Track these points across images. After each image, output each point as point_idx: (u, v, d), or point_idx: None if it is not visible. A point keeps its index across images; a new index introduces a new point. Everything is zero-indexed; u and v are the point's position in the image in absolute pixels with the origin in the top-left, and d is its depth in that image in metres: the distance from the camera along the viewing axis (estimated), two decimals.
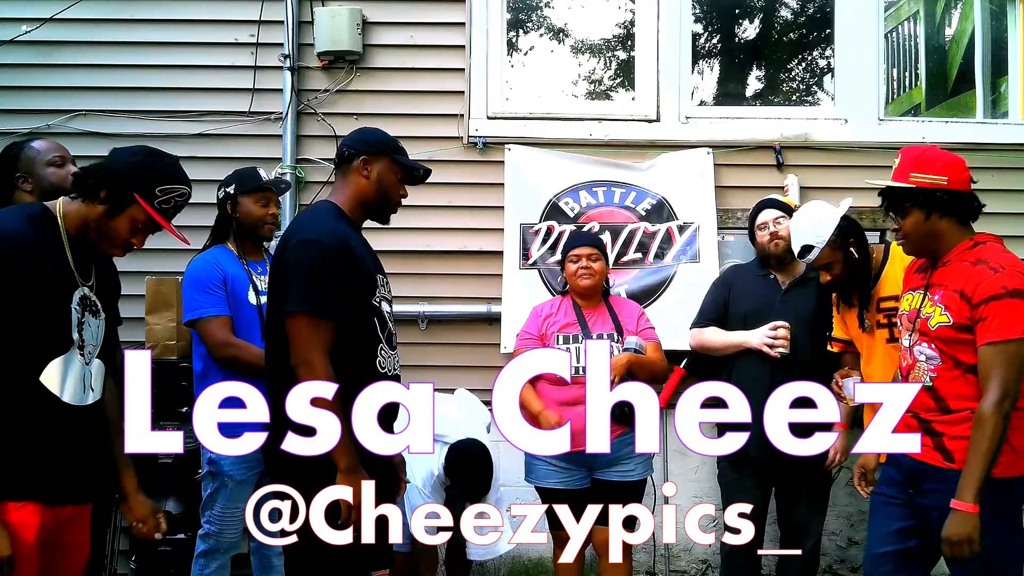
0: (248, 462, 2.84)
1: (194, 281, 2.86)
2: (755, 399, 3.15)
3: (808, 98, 5.92)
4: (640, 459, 3.13)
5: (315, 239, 2.11)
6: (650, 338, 3.19)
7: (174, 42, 4.04)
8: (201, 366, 2.91)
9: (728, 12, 5.62)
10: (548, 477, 3.13)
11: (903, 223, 2.33)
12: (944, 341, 2.24)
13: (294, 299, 2.07)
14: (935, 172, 2.27)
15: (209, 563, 2.87)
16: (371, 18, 4.03)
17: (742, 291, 3.35)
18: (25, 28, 3.99)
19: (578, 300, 3.23)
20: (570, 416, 3.00)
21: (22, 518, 1.84)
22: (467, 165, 4.00)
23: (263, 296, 2.92)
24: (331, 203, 2.28)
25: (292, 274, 2.10)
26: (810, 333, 3.16)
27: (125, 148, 2.05)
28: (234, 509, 2.86)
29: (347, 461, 2.02)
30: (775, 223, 3.29)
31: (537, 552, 3.92)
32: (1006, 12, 4.40)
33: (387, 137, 2.37)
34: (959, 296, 2.21)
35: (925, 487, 2.30)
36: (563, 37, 4.92)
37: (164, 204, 1.98)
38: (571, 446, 2.97)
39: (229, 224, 2.99)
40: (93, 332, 1.99)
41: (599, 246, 3.25)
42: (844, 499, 3.86)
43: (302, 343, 2.05)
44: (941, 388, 2.26)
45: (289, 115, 3.95)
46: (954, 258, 2.30)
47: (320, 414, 1.95)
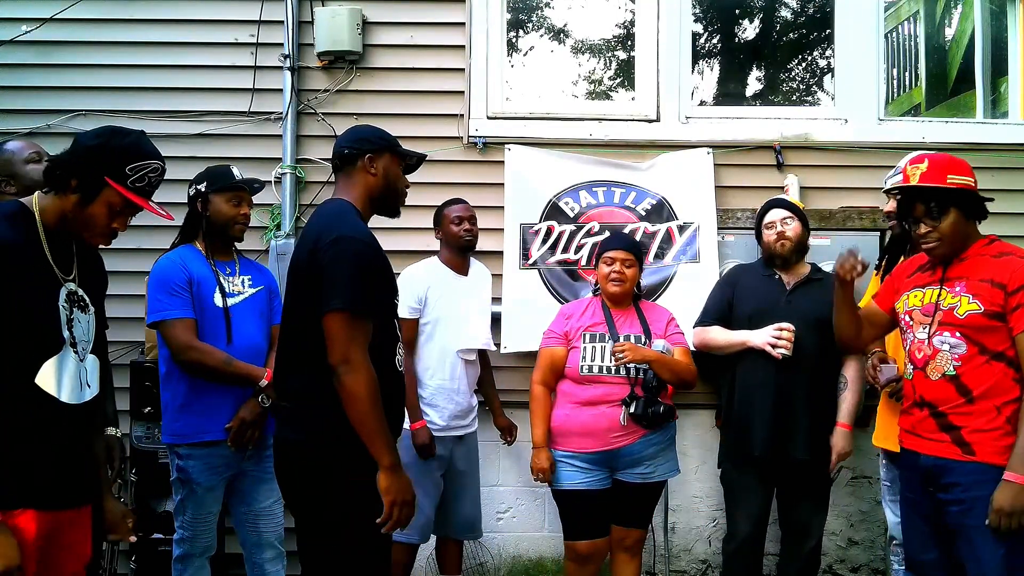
0: (215, 468, 2.81)
1: (158, 282, 2.79)
2: (758, 399, 3.20)
3: (808, 98, 5.93)
4: (663, 460, 3.11)
5: (355, 237, 2.10)
6: (678, 343, 3.17)
7: (174, 42, 4.04)
8: (165, 368, 2.85)
9: (728, 12, 5.63)
10: (571, 478, 3.06)
11: (940, 224, 2.38)
12: (973, 328, 2.32)
13: (336, 297, 2.04)
14: (967, 175, 2.39)
15: (187, 568, 2.85)
16: (371, 18, 4.03)
17: (747, 291, 3.35)
18: (25, 28, 3.99)
19: (608, 302, 3.19)
20: (592, 416, 3.02)
21: (19, 525, 1.80)
22: (467, 165, 4.00)
23: (230, 298, 2.86)
24: (348, 202, 2.26)
25: (332, 272, 2.06)
26: (815, 334, 3.15)
27: (88, 132, 1.96)
28: (206, 514, 2.84)
29: (390, 457, 2.05)
30: (783, 223, 3.29)
31: (537, 552, 3.91)
32: (1006, 12, 4.40)
33: (383, 132, 2.38)
34: (990, 284, 2.31)
35: (944, 482, 2.35)
36: (563, 37, 4.92)
37: (138, 183, 1.91)
38: (595, 446, 3.00)
39: (199, 223, 2.91)
40: (84, 328, 1.95)
41: (635, 251, 3.20)
42: (844, 499, 3.86)
43: (343, 341, 2.03)
44: (965, 376, 2.33)
45: (289, 115, 3.95)
46: (973, 254, 2.39)
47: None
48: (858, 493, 3.88)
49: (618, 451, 3.01)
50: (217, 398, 2.79)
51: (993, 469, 2.25)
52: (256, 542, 2.94)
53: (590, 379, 3.03)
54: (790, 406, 3.13)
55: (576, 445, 3.04)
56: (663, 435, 3.09)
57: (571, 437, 3.04)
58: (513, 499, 3.90)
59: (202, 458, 2.78)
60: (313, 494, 2.13)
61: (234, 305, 2.86)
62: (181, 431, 2.81)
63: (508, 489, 3.78)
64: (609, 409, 2.99)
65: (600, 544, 3.10)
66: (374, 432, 2.03)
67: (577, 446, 3.03)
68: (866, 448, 3.83)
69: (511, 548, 3.94)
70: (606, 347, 3.04)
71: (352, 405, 2.02)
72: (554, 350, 3.13)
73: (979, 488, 2.26)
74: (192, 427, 2.79)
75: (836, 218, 3.89)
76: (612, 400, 3.00)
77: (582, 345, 3.07)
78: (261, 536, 2.92)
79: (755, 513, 3.22)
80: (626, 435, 3.00)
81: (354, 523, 2.09)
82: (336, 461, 2.09)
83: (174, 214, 2.06)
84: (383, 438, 2.04)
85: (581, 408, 3.03)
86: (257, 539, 2.93)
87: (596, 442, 3.00)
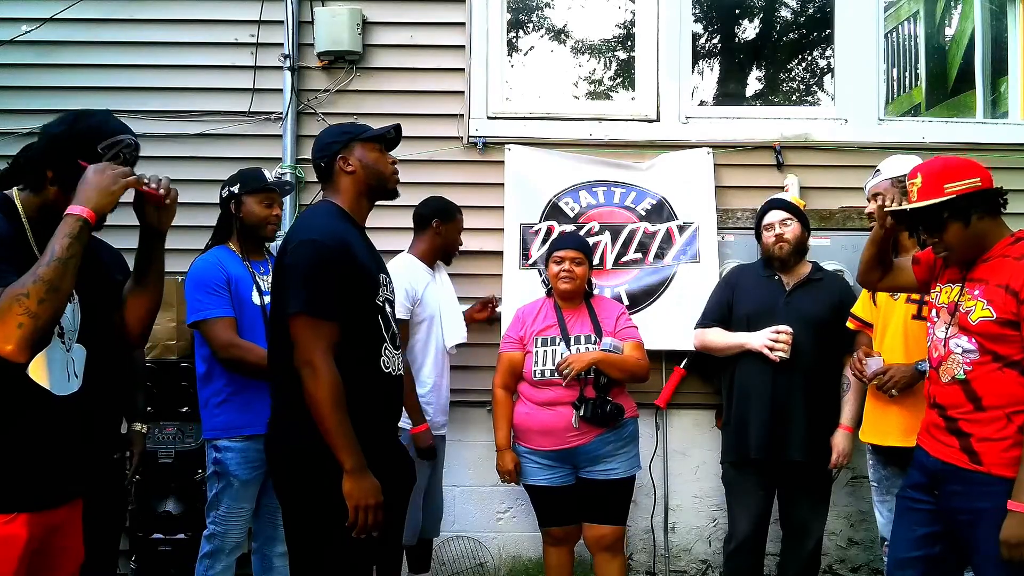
0: (253, 462, 2.85)
1: (198, 282, 2.86)
2: (755, 401, 3.20)
3: (808, 98, 5.93)
4: (624, 458, 3.15)
5: (313, 239, 2.11)
6: (629, 337, 3.21)
7: (174, 42, 4.04)
8: (204, 368, 2.91)
9: (728, 12, 5.63)
10: (534, 475, 3.18)
11: (943, 236, 2.31)
12: (986, 336, 2.23)
13: (295, 300, 2.07)
14: (968, 176, 2.29)
15: (214, 564, 2.87)
16: (371, 18, 4.03)
17: (746, 292, 3.35)
18: (25, 28, 3.99)
19: (559, 301, 3.26)
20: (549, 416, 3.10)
21: (10, 532, 1.73)
22: (467, 165, 4.00)
23: (267, 296, 2.92)
24: (331, 203, 2.28)
25: (291, 275, 2.10)
26: (813, 335, 3.16)
27: (51, 122, 1.91)
28: (239, 509, 2.87)
29: (352, 461, 2.03)
30: (781, 224, 3.29)
31: (537, 552, 3.90)
32: (1006, 12, 4.40)
33: (345, 126, 2.37)
34: (1004, 291, 2.20)
35: (950, 488, 2.29)
36: (563, 37, 4.92)
37: (113, 161, 1.87)
38: (553, 444, 3.07)
39: (232, 224, 2.99)
40: (69, 318, 1.89)
41: (584, 249, 3.27)
42: (844, 499, 3.86)
43: (304, 344, 2.05)
44: (975, 382, 2.25)
45: (289, 115, 3.95)
46: (997, 254, 2.30)
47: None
48: (858, 493, 3.88)
49: (575, 449, 3.09)
50: (257, 393, 2.80)
51: (999, 480, 2.16)
52: (271, 535, 2.98)
53: (543, 383, 3.13)
54: (787, 408, 3.13)
55: (537, 443, 3.14)
56: (619, 433, 3.13)
57: (532, 435, 3.15)
58: (513, 499, 3.90)
59: (240, 451, 2.83)
60: (293, 494, 2.13)
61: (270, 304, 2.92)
62: (222, 425, 2.86)
63: (508, 489, 3.78)
64: (564, 409, 3.08)
65: (571, 529, 3.23)
66: (335, 435, 2.02)
67: (538, 444, 3.14)
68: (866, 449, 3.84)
69: (511, 548, 3.94)
70: (558, 350, 3.12)
71: (313, 408, 2.02)
72: (512, 355, 3.22)
73: (984, 499, 2.19)
74: (233, 422, 2.84)
75: (836, 218, 3.89)
76: (565, 402, 3.08)
77: (535, 350, 3.16)
78: (277, 530, 2.96)
79: (755, 513, 3.22)
80: (581, 435, 3.07)
81: (326, 526, 2.07)
82: (303, 463, 2.09)
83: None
84: (345, 441, 2.02)
85: (540, 408, 3.13)
86: (272, 532, 2.97)
87: (554, 440, 3.09)
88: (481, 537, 3.92)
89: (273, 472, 2.22)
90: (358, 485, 2.03)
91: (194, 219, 3.52)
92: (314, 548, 2.09)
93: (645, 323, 3.73)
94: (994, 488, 2.17)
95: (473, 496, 3.95)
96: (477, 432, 3.80)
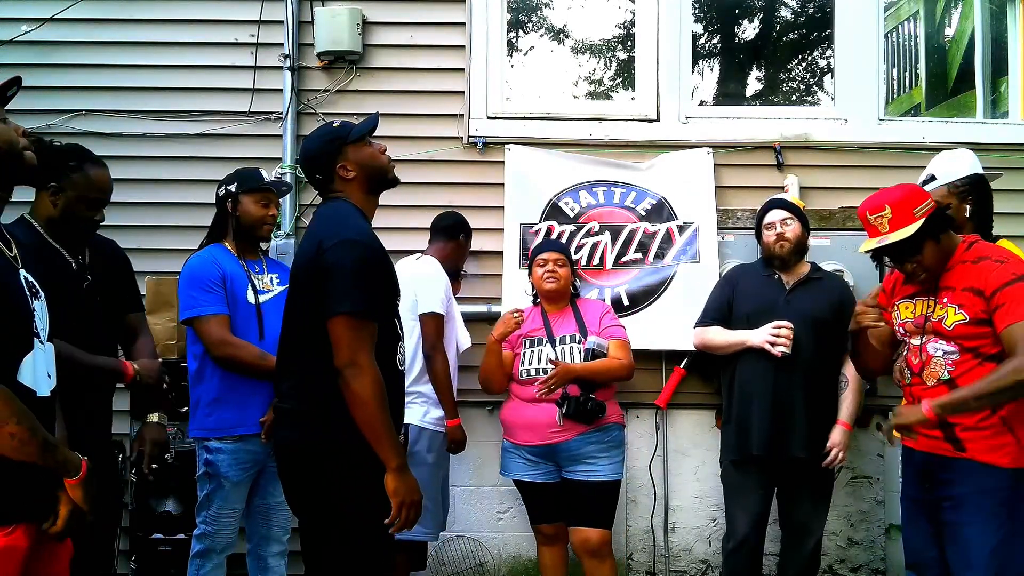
0: (244, 463, 2.85)
1: (192, 279, 2.86)
2: (757, 398, 3.20)
3: (808, 98, 5.92)
4: (607, 461, 3.16)
5: (355, 240, 2.10)
6: (613, 336, 3.24)
7: (174, 42, 4.04)
8: (196, 365, 2.90)
9: (728, 12, 5.62)
10: (519, 470, 3.25)
11: (922, 258, 2.40)
12: (963, 337, 2.36)
13: (342, 301, 2.04)
14: (925, 198, 2.42)
15: (205, 563, 2.87)
16: (371, 18, 4.03)
17: (746, 291, 3.35)
18: (25, 28, 3.98)
19: (544, 304, 3.34)
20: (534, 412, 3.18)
21: (11, 543, 1.70)
22: (467, 165, 4.00)
23: (261, 295, 2.93)
24: (350, 203, 2.25)
25: (337, 276, 2.06)
26: (813, 334, 3.17)
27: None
28: (230, 510, 2.87)
29: (398, 459, 2.06)
30: (782, 224, 3.29)
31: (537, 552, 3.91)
32: (1006, 12, 4.40)
33: (328, 134, 2.28)
34: (972, 293, 2.34)
35: (940, 477, 2.40)
36: (563, 37, 4.92)
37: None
38: (536, 439, 3.17)
39: (227, 222, 2.99)
40: (40, 315, 1.86)
41: (565, 252, 3.38)
42: (844, 499, 3.86)
43: (350, 345, 2.03)
44: (960, 379, 2.36)
45: (289, 115, 3.95)
46: (956, 261, 2.42)
47: None
48: (858, 493, 3.88)
49: (557, 446, 3.14)
50: (250, 392, 2.84)
51: (984, 467, 2.30)
52: (265, 535, 2.99)
53: (529, 381, 3.20)
54: (789, 405, 3.14)
55: (521, 438, 3.23)
56: (602, 436, 3.15)
57: (517, 430, 3.24)
58: (513, 499, 3.89)
59: (232, 453, 2.83)
60: (313, 495, 2.13)
61: (265, 302, 2.94)
62: (214, 425, 2.85)
63: (508, 489, 3.77)
64: (549, 406, 3.15)
65: (561, 527, 3.28)
66: (382, 434, 2.03)
67: (522, 439, 3.22)
68: (866, 448, 3.84)
69: (511, 548, 3.94)
70: (543, 350, 3.22)
71: (359, 408, 2.02)
72: (505, 353, 3.33)
73: (969, 485, 2.32)
74: (225, 421, 2.84)
75: (836, 218, 3.89)
76: (550, 399, 3.13)
77: (523, 351, 3.27)
78: (271, 530, 2.98)
79: (755, 513, 3.22)
80: (563, 432, 3.13)
81: (354, 524, 2.09)
82: (335, 463, 2.09)
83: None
84: (390, 440, 2.05)
85: (526, 404, 3.21)
86: (267, 532, 2.98)
87: (537, 436, 3.17)
88: (481, 537, 3.92)
89: (290, 472, 2.19)
90: (404, 483, 2.06)
91: (194, 219, 3.53)
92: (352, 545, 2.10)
93: (645, 323, 3.74)
94: (976, 474, 2.30)
95: (473, 496, 3.95)
96: (477, 432, 3.80)
